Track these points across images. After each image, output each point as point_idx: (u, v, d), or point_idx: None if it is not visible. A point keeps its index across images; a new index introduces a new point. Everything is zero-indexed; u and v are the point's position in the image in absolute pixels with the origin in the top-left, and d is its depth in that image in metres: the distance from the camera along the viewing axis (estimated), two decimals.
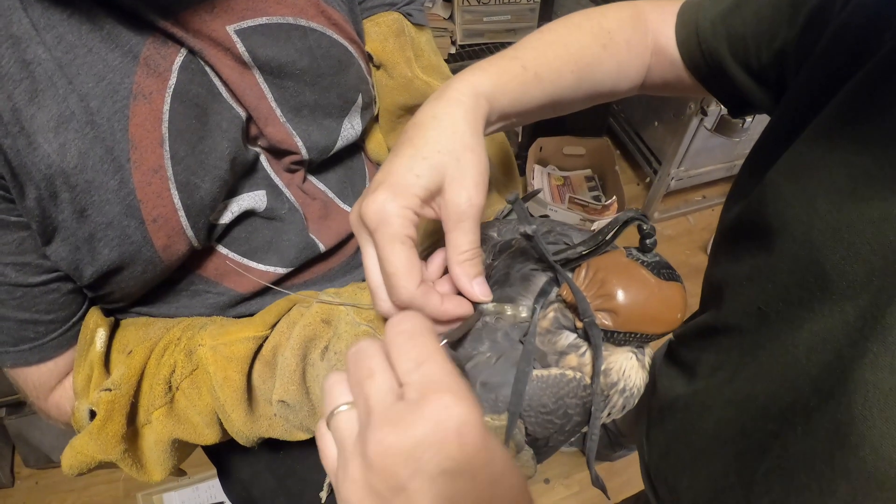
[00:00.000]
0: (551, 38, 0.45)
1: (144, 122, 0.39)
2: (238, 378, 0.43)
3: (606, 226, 0.33)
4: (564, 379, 0.33)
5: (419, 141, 0.35)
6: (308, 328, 0.42)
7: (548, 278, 0.37)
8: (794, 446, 0.35)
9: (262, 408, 0.46)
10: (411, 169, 0.34)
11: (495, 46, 1.54)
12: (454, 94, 0.38)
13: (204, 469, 1.34)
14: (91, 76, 0.37)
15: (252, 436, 0.47)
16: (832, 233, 0.33)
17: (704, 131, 1.59)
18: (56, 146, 0.36)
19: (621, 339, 0.33)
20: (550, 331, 0.34)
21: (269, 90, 0.46)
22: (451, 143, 0.35)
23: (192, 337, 0.45)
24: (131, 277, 0.42)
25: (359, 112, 0.53)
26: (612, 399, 0.34)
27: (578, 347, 0.34)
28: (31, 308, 0.41)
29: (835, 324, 0.33)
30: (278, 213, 0.49)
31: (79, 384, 0.44)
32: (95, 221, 0.39)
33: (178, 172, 0.40)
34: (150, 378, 0.44)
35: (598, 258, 0.34)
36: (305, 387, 0.42)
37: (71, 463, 0.43)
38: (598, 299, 0.32)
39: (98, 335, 0.44)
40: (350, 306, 0.42)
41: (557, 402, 0.33)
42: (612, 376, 0.34)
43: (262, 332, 0.44)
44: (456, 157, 0.35)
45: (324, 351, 0.41)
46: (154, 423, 0.45)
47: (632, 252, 0.34)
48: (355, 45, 0.52)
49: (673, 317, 0.33)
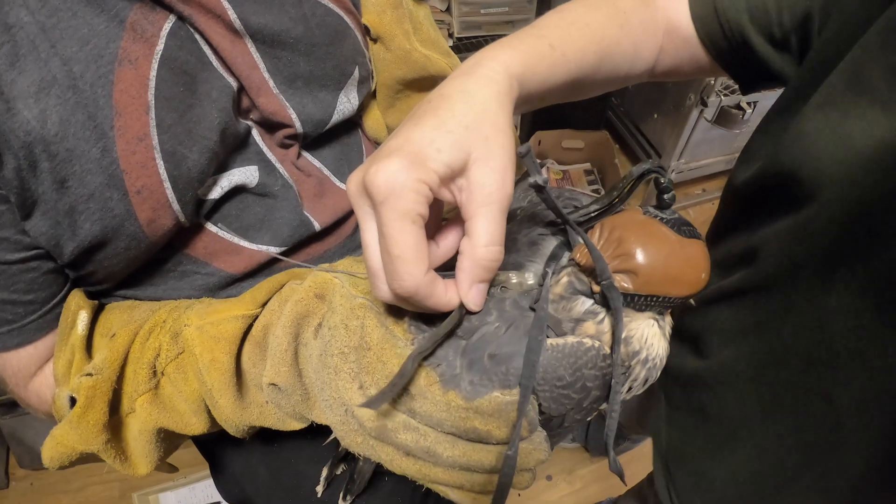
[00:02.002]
0: (571, 17, 0.43)
1: (130, 87, 0.37)
2: (226, 360, 0.41)
3: (620, 181, 0.31)
4: (582, 348, 0.30)
5: (445, 113, 0.31)
6: (300, 304, 0.39)
7: (558, 242, 0.34)
8: (841, 399, 0.34)
9: (253, 394, 0.44)
10: (433, 141, 0.29)
11: (493, 38, 1.52)
12: (487, 71, 0.34)
13: (199, 469, 1.31)
14: (75, 40, 0.35)
15: (241, 424, 0.44)
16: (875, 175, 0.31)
17: (704, 123, 1.57)
18: (36, 112, 0.34)
19: (642, 304, 0.31)
20: (564, 297, 0.32)
21: (261, 60, 0.44)
22: (480, 120, 0.31)
23: (179, 318, 0.43)
24: (114, 254, 0.40)
25: (355, 86, 0.51)
26: (634, 370, 0.32)
27: (596, 314, 0.31)
28: (9, 287, 0.40)
29: (872, 275, 0.31)
30: (271, 189, 0.47)
31: (59, 370, 0.42)
32: (76, 193, 0.37)
33: (165, 141, 0.38)
34: (134, 363, 0.42)
35: (613, 217, 0.32)
36: (298, 369, 0.40)
37: (51, 455, 0.41)
38: (616, 259, 0.30)
39: (80, 318, 0.42)
40: (347, 275, 0.39)
41: (575, 374, 0.30)
42: (634, 345, 0.31)
43: (252, 310, 0.42)
44: (485, 136, 0.31)
45: (317, 328, 0.39)
46: (138, 411, 0.42)
47: (648, 209, 0.32)
48: (351, 15, 0.50)
49: (697, 276, 0.30)
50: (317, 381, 0.37)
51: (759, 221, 0.45)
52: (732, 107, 1.54)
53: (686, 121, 1.56)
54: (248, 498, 0.60)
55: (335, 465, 0.54)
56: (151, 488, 1.32)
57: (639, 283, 0.30)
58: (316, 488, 0.54)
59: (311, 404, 0.42)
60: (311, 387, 0.41)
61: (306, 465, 0.56)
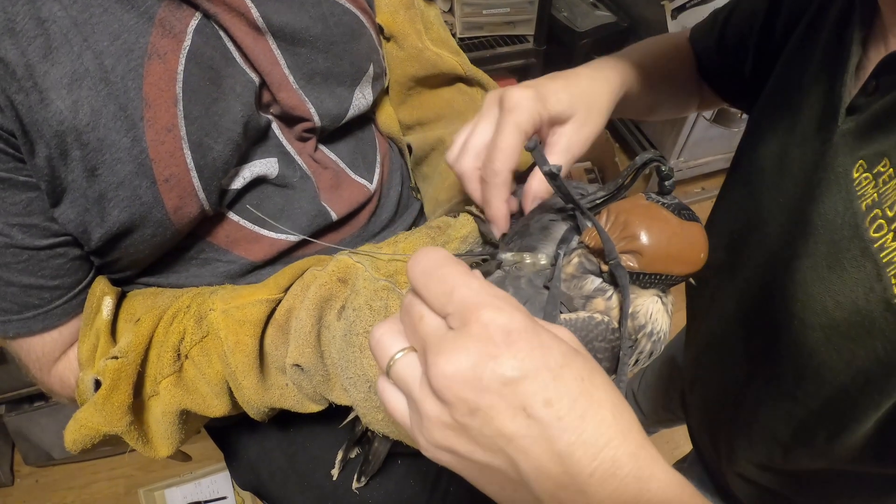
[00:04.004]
0: (640, 48, 0.57)
1: (159, 81, 0.39)
2: (251, 342, 0.42)
3: (625, 170, 0.33)
4: (593, 322, 0.33)
5: (573, 80, 0.43)
6: (324, 288, 0.41)
7: (568, 226, 0.36)
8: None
9: (274, 376, 0.46)
10: (557, 92, 0.41)
11: (495, 39, 1.55)
12: (607, 71, 0.47)
13: (205, 464, 1.32)
14: (106, 35, 0.37)
15: (262, 406, 0.46)
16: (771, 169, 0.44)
17: (703, 122, 1.59)
18: (69, 103, 0.36)
19: (647, 281, 0.33)
20: (576, 276, 0.34)
21: (282, 56, 0.45)
22: (591, 99, 0.43)
23: (203, 302, 0.44)
24: (141, 241, 0.42)
25: (370, 82, 0.53)
26: (640, 343, 0.34)
27: (605, 291, 0.34)
28: (37, 273, 0.41)
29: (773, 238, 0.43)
30: (290, 180, 0.48)
31: (84, 354, 0.43)
32: (106, 181, 0.38)
33: (192, 132, 0.40)
34: (158, 346, 0.43)
35: (618, 202, 0.35)
36: (320, 350, 0.42)
37: (74, 437, 0.42)
38: (622, 241, 0.32)
39: (105, 303, 0.44)
40: (370, 259, 0.41)
41: (586, 346, 0.32)
42: (640, 319, 0.34)
43: (276, 294, 0.43)
44: (589, 109, 0.42)
45: (340, 310, 0.40)
46: (162, 394, 0.44)
47: (650, 195, 0.34)
48: (366, 14, 0.52)
49: (696, 256, 0.32)
50: (340, 361, 0.39)
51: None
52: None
53: (685, 120, 1.58)
54: (263, 484, 0.61)
55: (350, 448, 0.55)
56: (157, 484, 1.32)
57: (644, 262, 0.32)
58: (331, 471, 0.55)
59: (331, 385, 0.44)
60: (333, 367, 0.43)
61: (321, 450, 0.57)
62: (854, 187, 0.36)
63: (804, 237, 0.39)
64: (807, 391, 0.40)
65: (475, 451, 0.24)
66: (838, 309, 0.36)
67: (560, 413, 0.22)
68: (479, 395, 0.22)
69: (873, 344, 0.35)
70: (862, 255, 0.35)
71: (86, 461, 1.40)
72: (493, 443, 0.23)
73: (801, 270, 0.39)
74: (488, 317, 0.23)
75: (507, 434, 0.22)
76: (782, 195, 0.43)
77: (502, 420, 0.22)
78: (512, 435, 0.22)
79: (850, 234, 0.35)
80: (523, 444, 0.22)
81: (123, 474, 1.39)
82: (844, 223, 0.36)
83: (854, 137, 0.37)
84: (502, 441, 0.23)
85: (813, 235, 0.38)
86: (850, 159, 0.36)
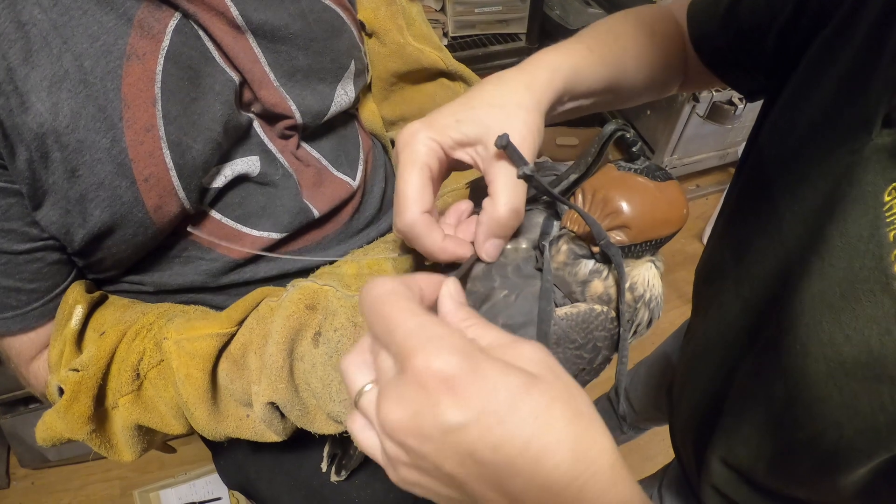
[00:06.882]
0: (604, 27, 0.49)
1: (137, 81, 0.39)
2: (200, 376, 0.42)
3: (591, 145, 0.33)
4: (593, 314, 0.33)
5: (475, 93, 0.37)
6: (291, 318, 0.41)
7: (546, 215, 0.36)
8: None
9: (231, 407, 0.46)
10: (454, 113, 0.35)
11: (487, 38, 1.55)
12: (526, 64, 0.39)
13: (199, 465, 1.33)
14: (85, 37, 0.37)
15: (217, 435, 0.46)
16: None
17: (696, 119, 1.59)
18: (49, 105, 0.36)
19: (638, 251, 0.33)
20: (568, 263, 0.34)
21: (262, 54, 0.45)
22: (504, 98, 0.36)
23: (161, 328, 0.44)
24: (122, 241, 0.42)
25: (352, 78, 0.53)
26: (639, 313, 0.34)
27: (600, 272, 0.34)
28: (14, 275, 0.41)
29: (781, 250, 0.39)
30: (272, 178, 0.48)
31: (53, 359, 0.44)
32: (87, 182, 0.38)
33: (171, 132, 0.40)
34: (120, 363, 0.43)
35: (592, 179, 0.34)
36: (294, 384, 0.42)
37: (42, 436, 0.43)
38: (607, 219, 0.32)
39: (76, 312, 0.44)
40: (335, 278, 0.40)
41: (587, 337, 0.33)
42: (639, 289, 0.34)
43: (228, 328, 0.43)
44: (506, 111, 0.35)
45: (316, 337, 0.40)
46: (121, 409, 0.44)
47: (620, 164, 0.34)
48: (347, 11, 0.52)
49: (679, 214, 0.32)
50: (323, 390, 0.38)
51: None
52: (724, 102, 1.56)
53: (678, 116, 1.58)
54: (251, 482, 0.61)
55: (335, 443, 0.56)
56: (152, 485, 1.32)
57: (632, 234, 0.32)
58: (321, 465, 0.56)
59: (311, 417, 0.44)
60: (312, 398, 0.42)
61: (308, 449, 0.57)
62: (884, 212, 0.31)
63: (819, 255, 0.34)
64: (796, 419, 0.37)
65: (438, 486, 0.24)
66: (847, 343, 0.32)
67: (510, 457, 0.21)
68: (423, 444, 0.22)
69: (880, 390, 0.31)
70: (882, 292, 0.30)
71: (81, 463, 1.40)
72: (450, 481, 0.23)
73: (810, 291, 0.34)
74: (422, 363, 0.22)
75: (458, 479, 0.22)
76: (798, 203, 0.38)
77: (451, 466, 0.22)
78: (463, 480, 0.22)
79: (871, 263, 0.31)
80: (476, 487, 0.22)
81: (119, 476, 1.39)
82: (867, 251, 0.31)
83: (890, 155, 0.32)
84: (457, 482, 0.22)
85: (829, 256, 0.33)
86: (883, 179, 0.31)
